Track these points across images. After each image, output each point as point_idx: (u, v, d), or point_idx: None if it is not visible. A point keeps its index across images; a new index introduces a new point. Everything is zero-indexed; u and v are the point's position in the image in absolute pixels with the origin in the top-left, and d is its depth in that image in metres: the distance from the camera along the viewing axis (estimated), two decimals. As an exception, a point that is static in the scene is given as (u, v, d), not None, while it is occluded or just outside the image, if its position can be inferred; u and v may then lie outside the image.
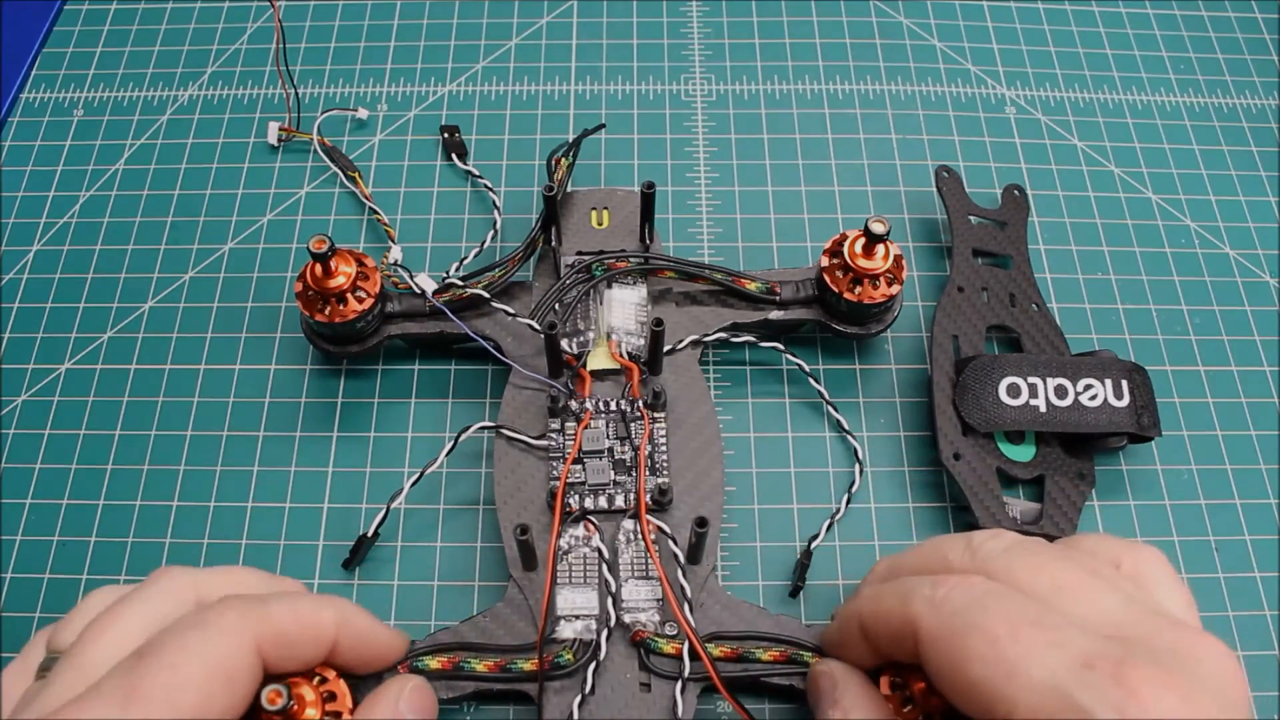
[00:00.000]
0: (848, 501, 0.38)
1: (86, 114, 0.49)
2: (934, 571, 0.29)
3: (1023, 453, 0.38)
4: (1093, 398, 0.37)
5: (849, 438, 0.40)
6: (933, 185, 0.46)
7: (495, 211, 0.45)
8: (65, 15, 0.52)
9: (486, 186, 0.45)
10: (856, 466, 0.39)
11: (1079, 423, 0.37)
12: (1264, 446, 0.40)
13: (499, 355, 0.39)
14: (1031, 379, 0.38)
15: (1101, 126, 0.48)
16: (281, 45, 0.48)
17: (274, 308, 0.43)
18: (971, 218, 0.43)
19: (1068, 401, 0.37)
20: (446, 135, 0.46)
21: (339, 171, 0.46)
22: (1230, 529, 0.38)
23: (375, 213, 0.45)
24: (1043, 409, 0.37)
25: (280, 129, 0.47)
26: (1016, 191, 0.44)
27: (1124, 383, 0.38)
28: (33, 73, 0.50)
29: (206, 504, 0.39)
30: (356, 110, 0.48)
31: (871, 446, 0.40)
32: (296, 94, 0.48)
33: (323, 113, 0.48)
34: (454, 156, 0.46)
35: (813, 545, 0.37)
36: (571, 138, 0.43)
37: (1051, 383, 0.38)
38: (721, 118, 0.48)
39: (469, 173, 0.46)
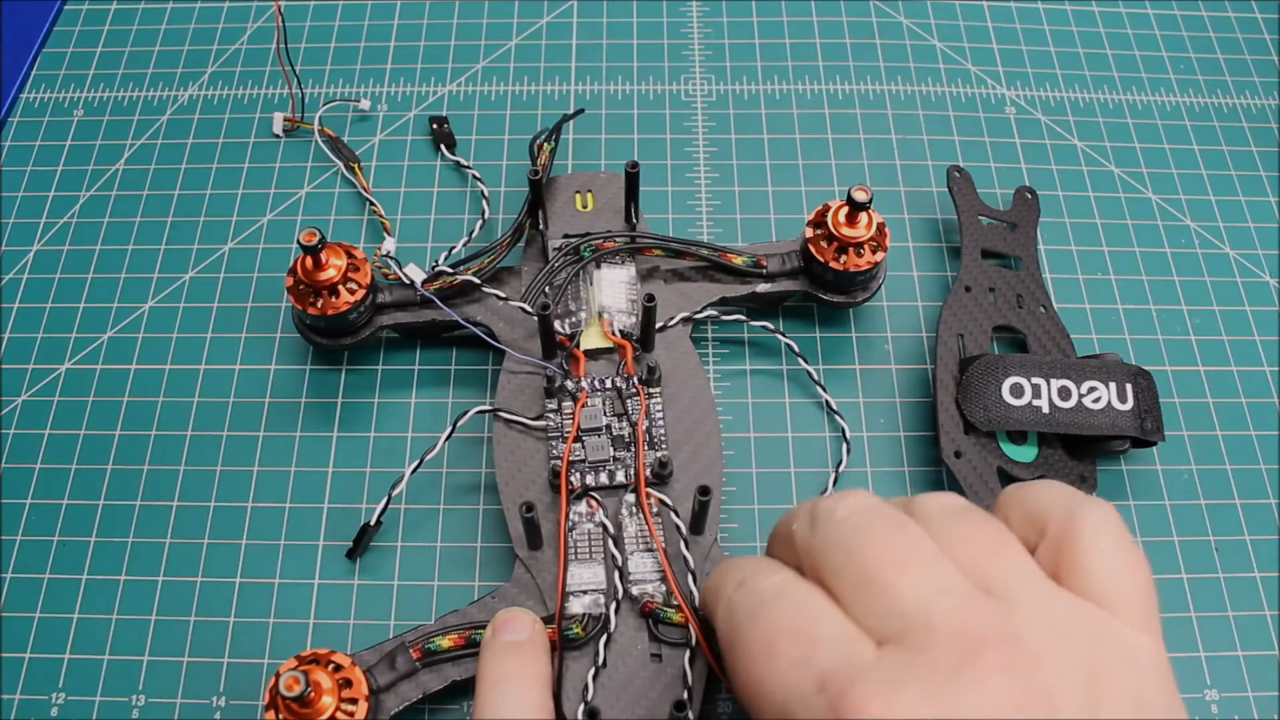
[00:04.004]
0: (835, 481, 0.39)
1: (86, 114, 0.49)
2: (785, 544, 0.28)
3: (1025, 453, 0.38)
4: (1096, 400, 0.37)
5: (837, 418, 0.40)
6: (932, 185, 0.46)
7: (483, 200, 0.45)
8: (65, 15, 0.52)
9: (475, 176, 0.46)
10: (844, 447, 0.39)
11: (1082, 425, 0.37)
12: (1264, 446, 0.40)
13: (491, 340, 0.39)
14: (1035, 379, 0.38)
15: (1101, 126, 0.48)
16: (283, 40, 0.48)
17: (274, 308, 0.43)
18: (982, 218, 0.43)
19: (1071, 403, 0.37)
20: (435, 126, 0.47)
21: (339, 164, 0.46)
22: (1230, 529, 0.38)
23: (373, 204, 0.45)
24: (1046, 410, 0.37)
25: (285, 118, 0.47)
26: (1028, 194, 0.44)
27: (1128, 386, 0.38)
28: (33, 73, 0.50)
29: (206, 504, 0.39)
30: (359, 100, 0.48)
31: (871, 446, 0.40)
32: (299, 83, 0.48)
33: (324, 104, 0.48)
34: (442, 147, 0.47)
35: None
36: (563, 130, 0.44)
37: (1055, 384, 0.38)
38: (721, 118, 0.48)
39: (457, 162, 0.46)
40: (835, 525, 0.25)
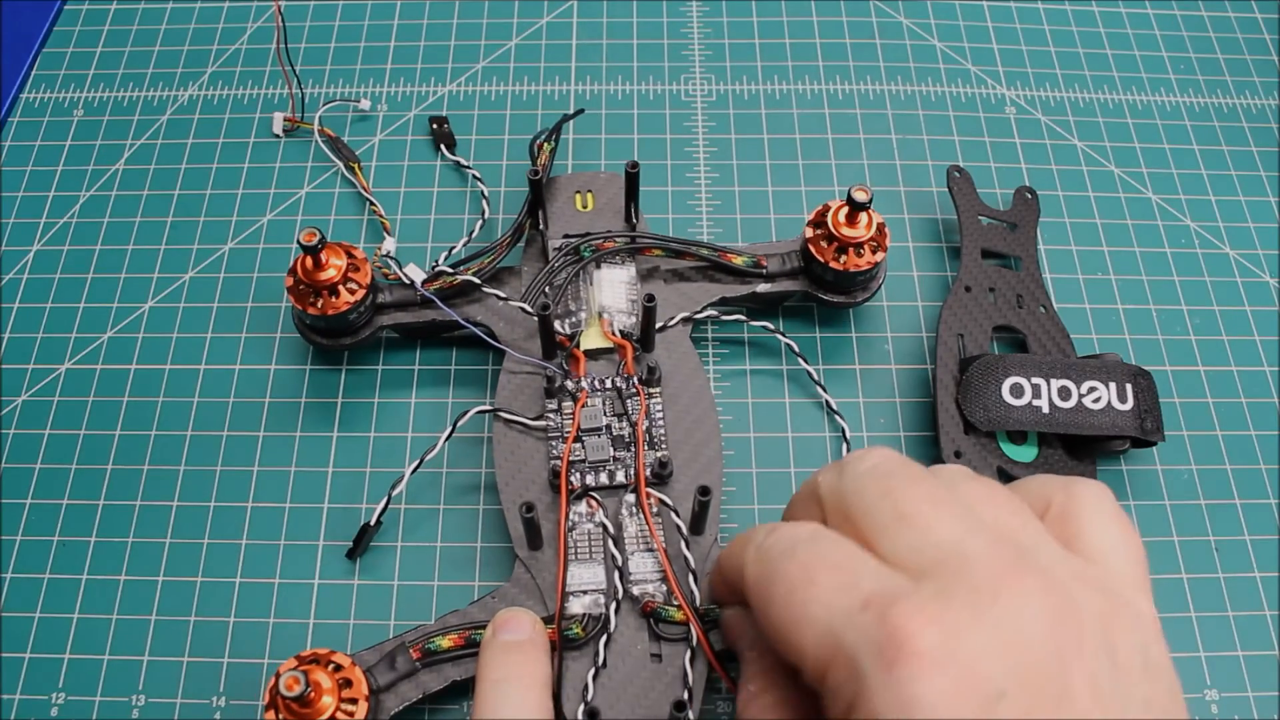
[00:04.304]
0: None
1: (86, 114, 0.49)
2: (809, 502, 0.28)
3: (1025, 453, 0.38)
4: (1096, 400, 0.37)
5: (837, 418, 0.40)
6: (932, 185, 0.46)
7: (483, 200, 0.45)
8: (65, 15, 0.52)
9: (475, 176, 0.46)
10: (844, 447, 0.40)
11: (1082, 425, 0.37)
12: (1264, 446, 0.40)
13: (491, 340, 0.39)
14: (1035, 379, 0.38)
15: (1101, 126, 0.48)
16: (283, 40, 0.48)
17: (274, 308, 0.43)
18: (982, 218, 0.43)
19: (1071, 403, 0.37)
20: (435, 126, 0.47)
21: (339, 164, 0.46)
22: (1230, 529, 0.38)
23: (373, 204, 0.45)
24: (1046, 410, 0.37)
25: (285, 118, 0.47)
26: (1028, 194, 0.44)
27: (1128, 386, 0.38)
28: (33, 73, 0.50)
29: (206, 504, 0.39)
30: (359, 100, 0.48)
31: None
32: (299, 83, 0.48)
33: (325, 104, 0.48)
34: (442, 147, 0.47)
35: None
36: (563, 130, 0.43)
37: (1055, 384, 0.38)
38: (721, 118, 0.48)
39: (457, 162, 0.46)
40: (866, 471, 0.27)
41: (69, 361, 0.42)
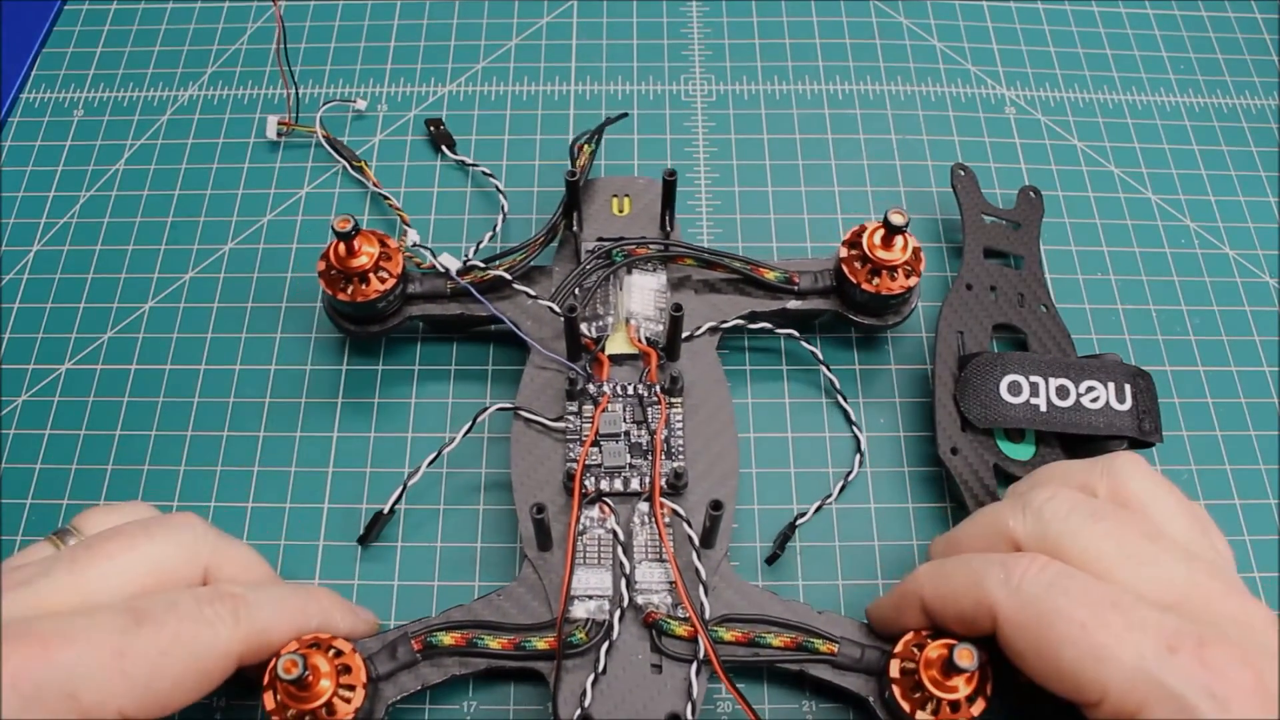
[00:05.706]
0: (842, 489, 0.39)
1: (86, 114, 0.49)
2: (993, 544, 0.31)
3: (1022, 451, 0.38)
4: (1094, 400, 0.37)
5: (854, 429, 0.40)
6: (932, 185, 0.46)
7: (500, 196, 0.45)
8: (65, 15, 0.52)
9: (484, 173, 0.46)
10: (857, 458, 0.39)
11: (1079, 424, 0.37)
12: (1264, 446, 0.40)
13: (521, 335, 0.39)
14: (1034, 378, 0.38)
15: (1101, 126, 0.48)
16: (283, 42, 0.48)
17: (274, 308, 0.43)
18: (985, 217, 0.43)
19: (1069, 402, 0.37)
20: (432, 129, 0.47)
21: (345, 163, 0.46)
22: (1230, 529, 0.38)
23: (386, 199, 0.45)
24: (1043, 408, 0.37)
25: (279, 122, 0.47)
26: (1032, 193, 0.44)
27: (1127, 387, 0.38)
28: (33, 73, 0.50)
29: (207, 504, 0.39)
30: (355, 101, 0.48)
31: (872, 446, 0.40)
32: (297, 89, 0.48)
33: (324, 104, 0.48)
34: (443, 148, 0.47)
35: (798, 523, 0.37)
36: (584, 132, 0.43)
37: (1054, 382, 0.38)
38: (721, 118, 0.48)
39: (461, 161, 0.46)
40: (1066, 516, 0.29)
41: (69, 361, 0.42)
